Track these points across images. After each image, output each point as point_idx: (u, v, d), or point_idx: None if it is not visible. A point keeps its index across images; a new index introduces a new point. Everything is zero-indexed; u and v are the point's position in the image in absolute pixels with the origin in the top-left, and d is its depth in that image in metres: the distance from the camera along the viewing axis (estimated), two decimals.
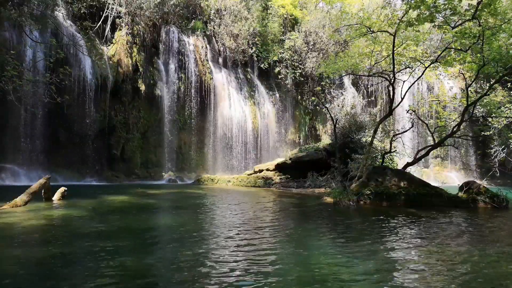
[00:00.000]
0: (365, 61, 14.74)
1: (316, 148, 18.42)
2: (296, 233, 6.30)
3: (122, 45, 20.08)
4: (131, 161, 20.29)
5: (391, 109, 13.45)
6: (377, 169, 11.61)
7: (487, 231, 6.91)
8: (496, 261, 4.64)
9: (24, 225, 6.22)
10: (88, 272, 3.81)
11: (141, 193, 12.56)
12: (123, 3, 20.21)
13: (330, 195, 11.16)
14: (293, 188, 15.78)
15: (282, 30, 27.22)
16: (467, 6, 10.67)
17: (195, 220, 7.41)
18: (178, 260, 4.36)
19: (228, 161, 23.35)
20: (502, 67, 11.32)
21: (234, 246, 5.09)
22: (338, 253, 4.82)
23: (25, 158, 16.63)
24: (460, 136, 15.27)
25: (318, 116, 27.90)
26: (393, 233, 6.33)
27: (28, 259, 4.29)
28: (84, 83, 18.00)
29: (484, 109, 16.76)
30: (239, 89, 24.89)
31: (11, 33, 15.87)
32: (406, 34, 12.60)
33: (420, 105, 26.82)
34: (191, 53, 22.69)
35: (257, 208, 9.54)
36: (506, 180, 21.39)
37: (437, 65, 13.09)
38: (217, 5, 24.22)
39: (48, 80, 12.34)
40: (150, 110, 21.41)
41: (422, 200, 10.17)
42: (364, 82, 28.71)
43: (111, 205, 9.37)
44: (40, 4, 14.70)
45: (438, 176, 26.16)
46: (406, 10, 11.00)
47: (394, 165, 16.70)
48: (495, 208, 9.80)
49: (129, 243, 5.27)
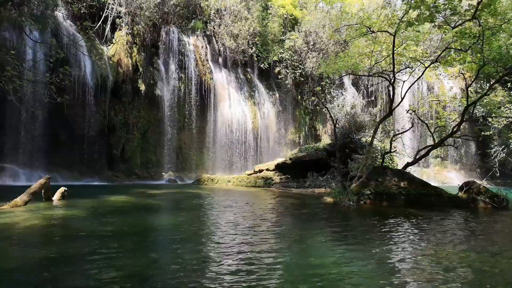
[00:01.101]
0: (365, 61, 14.73)
1: (316, 148, 18.43)
2: (296, 233, 6.29)
3: (122, 45, 20.09)
4: (131, 161, 20.30)
5: (391, 109, 13.45)
6: (377, 169, 11.60)
7: (487, 231, 6.91)
8: (496, 261, 4.64)
9: (24, 225, 6.22)
10: (88, 272, 3.81)
11: (141, 193, 12.56)
12: (123, 3, 20.22)
13: (330, 195, 11.17)
14: (293, 188, 15.78)
15: (282, 30, 27.23)
16: (467, 6, 10.67)
17: (195, 220, 7.41)
18: (178, 260, 4.36)
19: (228, 161, 23.35)
20: (502, 67, 11.32)
21: (234, 246, 5.09)
22: (338, 253, 4.82)
23: (25, 158, 16.63)
24: (460, 136, 15.28)
25: (318, 116, 27.91)
26: (393, 233, 6.33)
27: (28, 259, 4.28)
28: (84, 83, 18.00)
29: (484, 109, 16.78)
30: (239, 89, 24.90)
31: (11, 33, 15.87)
32: (406, 34, 12.59)
33: (420, 105, 26.85)
34: (191, 53, 22.70)
35: (257, 208, 9.54)
36: (506, 180, 21.38)
37: (437, 65, 13.09)
38: (217, 5, 24.22)
39: (48, 80, 12.33)
40: (150, 110, 21.41)
41: (422, 200, 10.17)
42: (364, 82, 28.72)
43: (111, 205, 9.37)
44: (40, 4, 14.69)
45: (438, 176, 26.17)
46: (406, 10, 11.00)
47: (394, 165, 16.71)
48: (495, 208, 9.80)
49: (129, 243, 5.27)
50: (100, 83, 18.61)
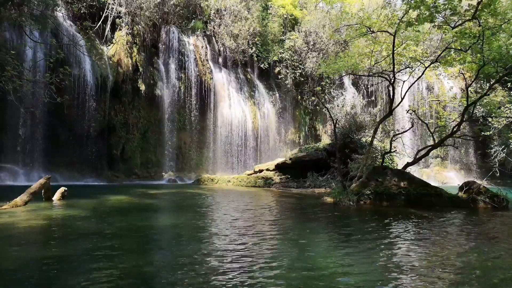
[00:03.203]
0: (365, 61, 14.73)
1: (316, 148, 18.43)
2: (296, 233, 6.29)
3: (122, 45, 20.09)
4: (131, 161, 20.30)
5: (391, 109, 13.45)
6: (377, 169, 11.60)
7: (487, 231, 6.90)
8: (496, 261, 4.64)
9: (24, 225, 6.22)
10: (88, 272, 3.81)
11: (141, 193, 12.56)
12: (123, 3, 20.22)
13: (330, 195, 11.17)
14: (293, 188, 15.78)
15: (282, 30, 27.23)
16: (467, 6, 10.67)
17: (194, 220, 7.42)
18: (178, 260, 4.36)
19: (228, 161, 23.35)
20: (502, 67, 11.32)
21: (233, 246, 5.09)
22: (338, 253, 4.83)
23: (25, 158, 16.63)
24: (460, 136, 15.27)
25: (318, 116, 27.91)
26: (393, 233, 6.33)
27: (28, 259, 4.28)
28: (84, 83, 18.00)
29: (484, 109, 16.77)
30: (239, 89, 24.90)
31: (11, 33, 15.87)
32: (406, 34, 12.59)
33: (420, 105, 26.84)
34: (191, 53, 22.69)
35: (257, 208, 9.54)
36: (506, 180, 21.39)
37: (437, 65, 13.08)
38: (217, 5, 24.23)
39: (48, 80, 12.33)
40: (150, 110, 21.42)
41: (422, 200, 10.17)
42: (364, 82, 28.72)
43: (111, 205, 9.37)
44: (40, 4, 14.67)
45: (438, 176, 26.16)
46: (406, 10, 10.99)
47: (394, 165, 16.71)
48: (495, 208, 9.80)
49: (129, 243, 5.27)
50: (100, 83, 18.60)
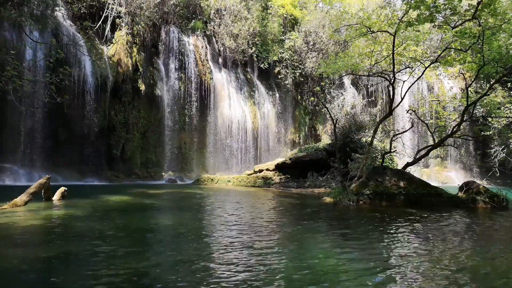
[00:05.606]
0: (365, 61, 14.75)
1: (316, 148, 18.43)
2: (296, 233, 6.29)
3: (122, 45, 20.09)
4: (131, 161, 20.31)
5: (391, 109, 13.45)
6: (377, 169, 11.60)
7: (487, 231, 6.91)
8: (495, 261, 4.64)
9: (24, 225, 6.22)
10: (88, 272, 3.81)
11: (141, 193, 12.56)
12: (123, 3, 20.22)
13: (330, 195, 11.16)
14: (293, 188, 15.79)
15: (282, 30, 27.24)
16: (467, 6, 10.68)
17: (195, 220, 7.42)
18: (178, 260, 4.36)
19: (228, 161, 23.36)
20: (502, 67, 11.33)
21: (233, 246, 5.09)
22: (338, 253, 4.83)
23: (25, 158, 16.64)
24: (460, 136, 15.28)
25: (318, 116, 27.92)
26: (393, 233, 6.33)
27: (28, 259, 4.28)
28: (84, 83, 18.01)
29: (484, 109, 16.77)
30: (239, 89, 24.91)
31: (11, 33, 15.88)
32: (406, 34, 12.60)
33: (420, 105, 26.86)
34: (191, 53, 22.70)
35: (256, 208, 9.54)
36: (506, 180, 21.38)
37: (437, 65, 13.10)
38: (217, 5, 24.23)
39: (48, 80, 12.34)
40: (150, 110, 21.43)
41: (422, 200, 10.17)
42: (364, 82, 28.73)
43: (111, 205, 9.37)
44: (40, 4, 14.69)
45: (438, 176, 26.18)
46: (406, 10, 11.00)
47: (394, 165, 16.72)
48: (495, 208, 9.80)
49: (129, 243, 5.27)
50: (100, 83, 18.61)
